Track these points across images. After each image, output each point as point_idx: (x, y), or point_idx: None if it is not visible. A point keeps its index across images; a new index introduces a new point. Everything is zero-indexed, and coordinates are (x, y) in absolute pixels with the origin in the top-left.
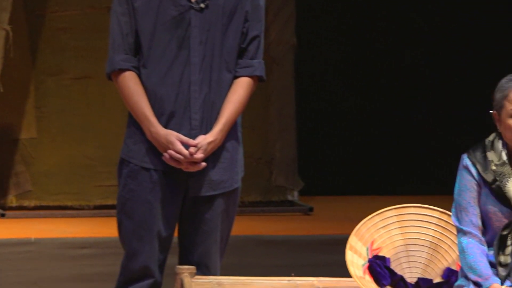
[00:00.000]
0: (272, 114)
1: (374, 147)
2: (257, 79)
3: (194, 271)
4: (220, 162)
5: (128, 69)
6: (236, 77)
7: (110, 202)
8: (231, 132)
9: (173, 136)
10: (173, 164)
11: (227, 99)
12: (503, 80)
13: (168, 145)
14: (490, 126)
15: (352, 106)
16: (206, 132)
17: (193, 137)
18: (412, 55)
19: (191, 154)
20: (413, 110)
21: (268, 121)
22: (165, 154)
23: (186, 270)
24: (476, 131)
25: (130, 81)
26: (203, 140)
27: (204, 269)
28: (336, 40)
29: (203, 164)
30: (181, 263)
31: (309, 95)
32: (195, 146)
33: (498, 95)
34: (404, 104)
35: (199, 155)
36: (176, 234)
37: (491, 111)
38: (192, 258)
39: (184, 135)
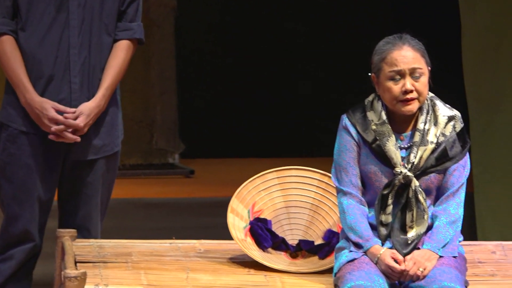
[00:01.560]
0: (152, 77)
1: (254, 110)
2: (136, 42)
3: (75, 234)
4: (101, 126)
5: (5, 33)
6: (115, 41)
7: None
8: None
9: (48, 104)
10: (61, 140)
11: (108, 64)
12: (381, 43)
13: (42, 111)
14: (369, 88)
15: (233, 69)
16: (86, 95)
17: (73, 100)
18: (293, 19)
19: (69, 118)
20: (293, 73)
21: (148, 84)
22: (51, 136)
23: (66, 234)
24: (355, 93)
25: (7, 46)
26: (85, 107)
27: (85, 232)
28: (217, 2)
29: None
30: (61, 227)
31: (190, 57)
32: (73, 113)
33: (376, 58)
34: (284, 67)
35: (80, 123)
36: (56, 197)
37: (369, 74)
38: (73, 221)
39: (64, 98)
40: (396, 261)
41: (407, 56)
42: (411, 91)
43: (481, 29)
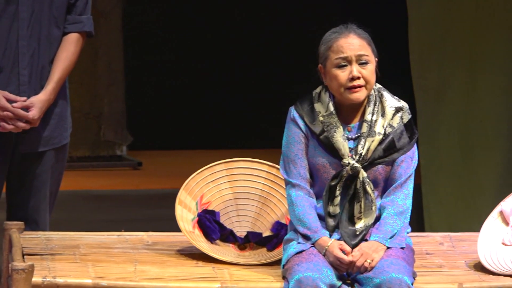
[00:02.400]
0: (100, 69)
1: (202, 101)
2: (85, 35)
3: (23, 226)
4: (50, 118)
5: None
6: (65, 33)
7: None
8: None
9: None
10: (10, 128)
11: (57, 57)
12: (327, 34)
13: None
14: (316, 80)
15: (181, 61)
16: (34, 88)
17: (21, 92)
18: (241, 10)
19: (17, 108)
20: (240, 65)
21: (96, 76)
22: (3, 124)
23: (14, 226)
24: (303, 85)
25: None
26: (36, 100)
27: (33, 225)
28: None
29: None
30: (9, 219)
31: (137, 49)
32: (23, 101)
33: (322, 48)
34: (232, 59)
35: (31, 116)
36: (4, 190)
37: (317, 67)
38: (21, 213)
39: (12, 90)
40: (344, 252)
41: (353, 43)
42: (358, 78)
43: (428, 21)
